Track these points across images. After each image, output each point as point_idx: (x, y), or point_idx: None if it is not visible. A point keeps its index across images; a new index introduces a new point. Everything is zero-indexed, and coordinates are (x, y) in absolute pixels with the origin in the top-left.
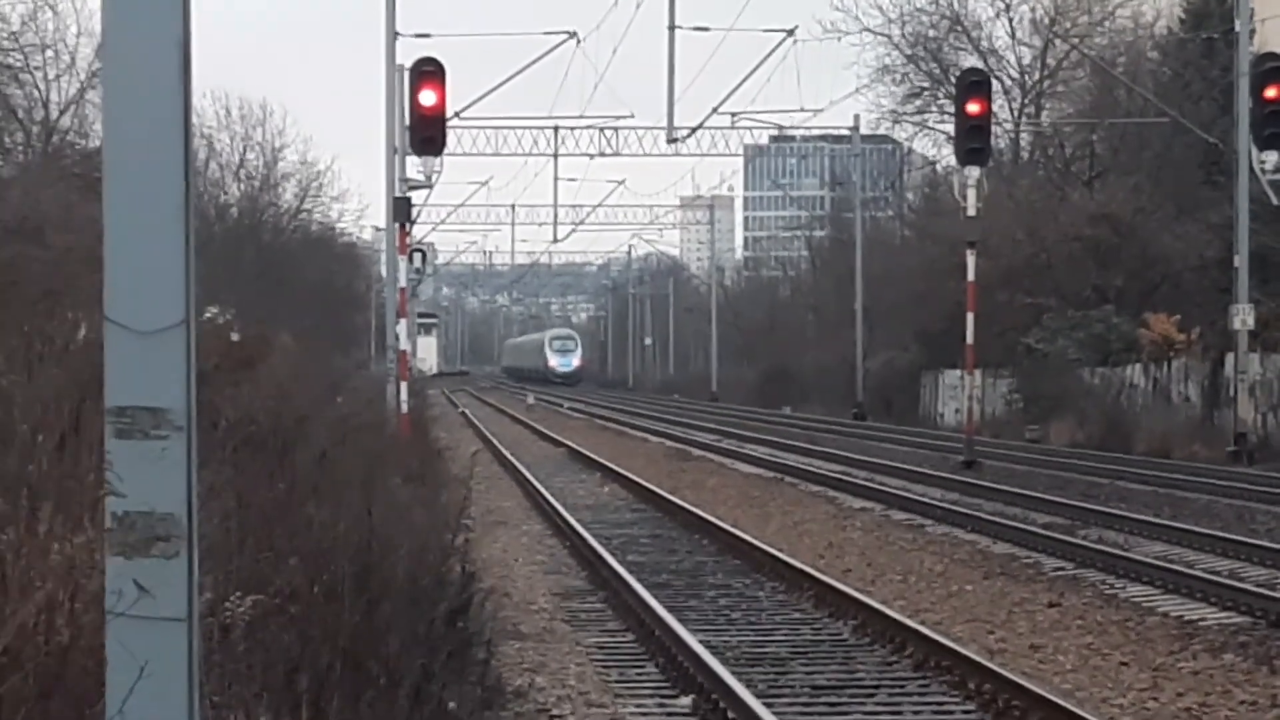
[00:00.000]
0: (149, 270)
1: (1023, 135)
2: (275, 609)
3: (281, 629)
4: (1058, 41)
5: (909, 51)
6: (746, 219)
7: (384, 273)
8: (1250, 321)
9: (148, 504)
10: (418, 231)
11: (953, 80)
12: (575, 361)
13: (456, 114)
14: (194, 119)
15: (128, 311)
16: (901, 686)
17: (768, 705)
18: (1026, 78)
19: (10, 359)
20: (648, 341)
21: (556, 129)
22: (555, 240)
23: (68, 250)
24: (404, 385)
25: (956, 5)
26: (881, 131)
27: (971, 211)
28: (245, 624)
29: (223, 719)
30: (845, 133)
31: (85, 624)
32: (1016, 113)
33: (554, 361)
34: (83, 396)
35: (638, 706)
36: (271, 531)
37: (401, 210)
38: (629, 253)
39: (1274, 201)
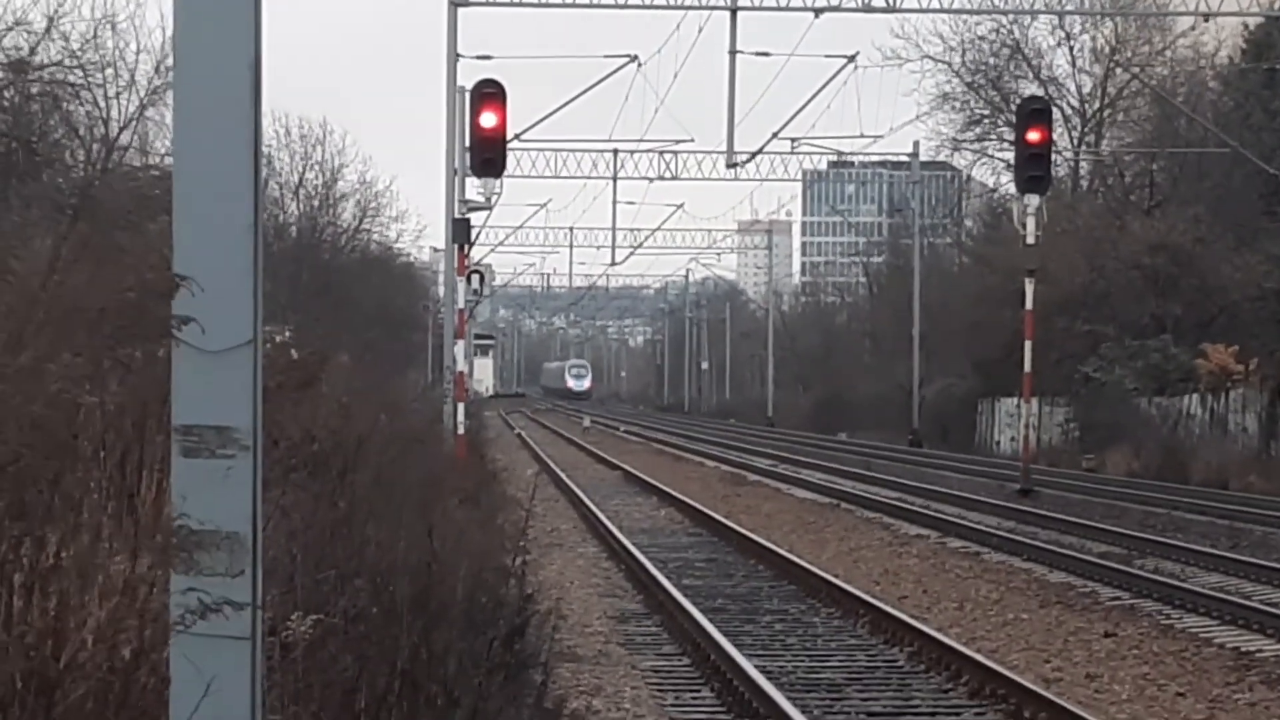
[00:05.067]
0: (217, 290)
1: (1082, 164)
2: (335, 629)
3: (341, 649)
4: (1118, 70)
5: (969, 79)
6: (804, 244)
7: (442, 293)
8: None
9: (213, 522)
10: (476, 253)
11: (1013, 108)
12: (586, 383)
13: (516, 136)
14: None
15: (196, 331)
16: (957, 715)
17: None
18: (1087, 106)
19: (74, 377)
20: (704, 366)
21: (616, 152)
22: (613, 263)
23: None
24: (461, 407)
25: (1017, 33)
26: (941, 159)
27: (1030, 239)
28: (305, 643)
29: None
30: (904, 159)
31: (148, 641)
32: (1076, 141)
33: (571, 383)
34: (145, 414)
35: None
36: (332, 551)
37: (461, 231)
38: (686, 277)
39: None
